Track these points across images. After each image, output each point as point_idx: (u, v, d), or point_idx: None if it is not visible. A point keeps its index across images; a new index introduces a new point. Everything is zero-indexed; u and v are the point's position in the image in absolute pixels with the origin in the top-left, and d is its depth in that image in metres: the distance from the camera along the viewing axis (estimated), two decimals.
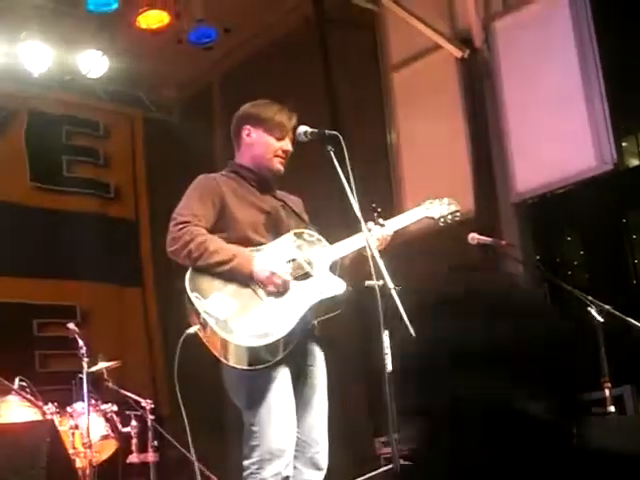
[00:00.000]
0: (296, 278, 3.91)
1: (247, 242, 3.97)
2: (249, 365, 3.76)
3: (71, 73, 8.86)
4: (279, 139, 4.13)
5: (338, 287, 3.92)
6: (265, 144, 4.14)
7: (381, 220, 4.09)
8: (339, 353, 7.24)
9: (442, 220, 4.39)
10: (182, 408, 3.86)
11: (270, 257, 3.90)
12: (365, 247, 3.76)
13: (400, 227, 4.20)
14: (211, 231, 3.95)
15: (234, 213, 4.00)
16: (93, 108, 9.69)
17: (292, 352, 3.85)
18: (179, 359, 3.85)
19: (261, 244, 3.99)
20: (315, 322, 3.96)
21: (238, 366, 3.76)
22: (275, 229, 4.07)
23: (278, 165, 4.15)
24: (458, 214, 4.43)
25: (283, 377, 3.85)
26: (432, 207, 4.40)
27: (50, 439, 2.69)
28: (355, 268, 4.08)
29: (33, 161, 9.18)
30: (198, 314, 3.77)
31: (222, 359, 3.79)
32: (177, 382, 3.85)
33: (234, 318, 3.75)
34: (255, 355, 3.74)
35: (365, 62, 8.43)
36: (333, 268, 4.01)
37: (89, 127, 9.71)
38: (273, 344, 3.74)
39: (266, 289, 3.84)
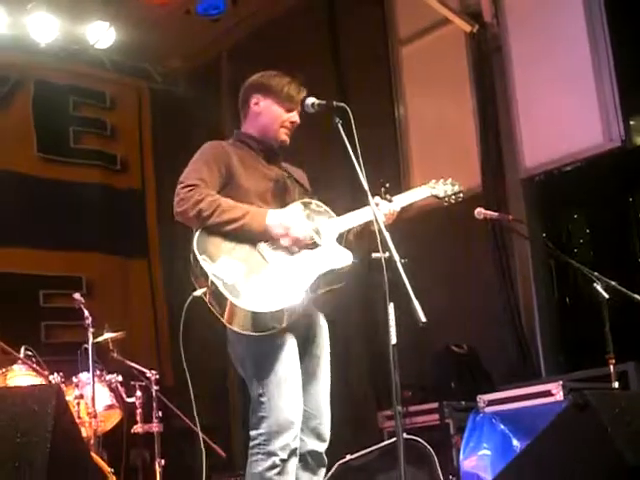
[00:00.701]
0: (306, 247, 3.91)
1: None
2: (254, 331, 3.74)
3: (78, 43, 8.84)
4: (288, 111, 4.12)
5: (346, 258, 3.92)
6: (273, 114, 4.13)
7: (389, 196, 4.10)
8: (343, 326, 7.30)
9: (446, 199, 4.49)
10: (187, 373, 3.86)
11: (283, 214, 3.89)
12: (371, 221, 3.74)
13: (407, 203, 4.24)
14: None
15: (240, 181, 3.98)
16: (100, 79, 9.66)
17: (297, 321, 3.84)
18: (185, 325, 3.84)
19: None
20: (320, 292, 3.95)
21: (243, 331, 3.75)
22: (282, 197, 4.06)
23: (284, 136, 4.14)
24: (461, 195, 4.53)
25: (290, 346, 3.86)
26: (437, 186, 4.50)
27: (56, 403, 2.69)
28: (359, 243, 4.09)
29: (40, 132, 9.17)
30: (206, 277, 3.73)
31: (227, 324, 3.77)
32: (182, 348, 3.85)
33: (242, 282, 3.72)
34: (261, 321, 3.72)
35: (373, 36, 8.39)
36: (339, 240, 4.01)
37: (96, 98, 9.68)
38: (280, 311, 3.73)
39: (278, 247, 3.84)
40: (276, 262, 3.84)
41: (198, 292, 3.78)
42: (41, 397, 2.69)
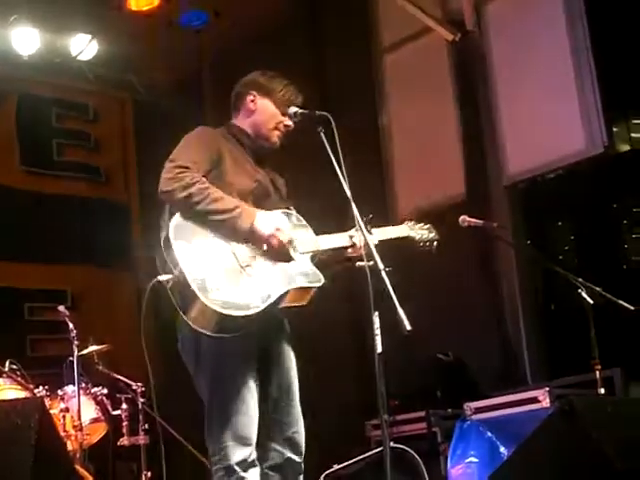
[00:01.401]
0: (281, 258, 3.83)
1: None
2: (216, 332, 3.63)
3: (61, 56, 8.81)
4: (283, 114, 4.06)
5: (317, 279, 3.85)
6: (269, 114, 4.06)
7: (369, 227, 3.93)
8: (330, 335, 7.29)
9: (421, 244, 4.35)
10: (149, 366, 3.80)
11: (272, 216, 3.83)
12: (347, 247, 3.81)
13: (384, 238, 4.09)
14: None
15: (226, 173, 3.89)
16: (83, 91, 9.64)
17: (260, 328, 3.76)
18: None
19: None
20: (281, 306, 3.84)
21: (203, 330, 3.63)
22: (262, 202, 3.96)
23: (276, 138, 4.07)
24: (435, 244, 4.37)
25: (248, 354, 3.79)
26: (415, 229, 4.36)
27: (39, 417, 2.67)
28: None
29: (23, 144, 9.14)
30: (175, 264, 3.60)
31: (188, 320, 3.64)
32: (144, 338, 3.78)
33: (212, 278, 3.61)
34: (224, 323, 3.61)
35: (356, 45, 8.41)
36: (312, 259, 3.93)
37: (79, 110, 9.66)
38: (245, 317, 3.61)
39: (255, 249, 3.75)
40: (248, 267, 3.73)
41: (163, 277, 3.64)
42: (24, 411, 2.67)
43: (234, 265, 3.72)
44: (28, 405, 2.71)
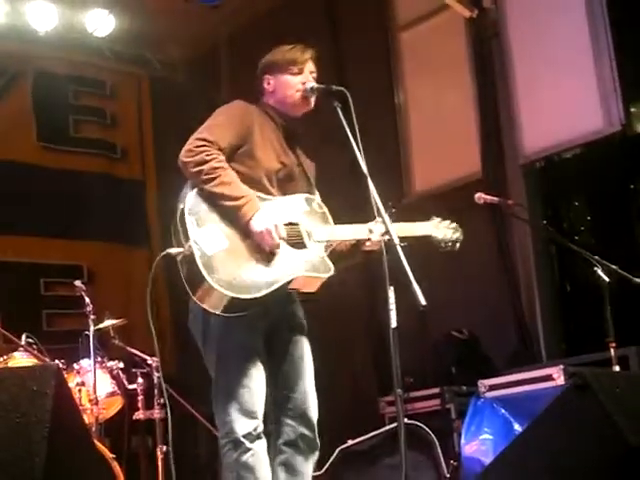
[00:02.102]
0: (292, 244, 3.83)
1: (259, 186, 3.86)
2: (221, 311, 3.67)
3: (77, 32, 8.83)
4: (297, 74, 4.03)
5: (327, 270, 3.84)
6: (285, 85, 4.04)
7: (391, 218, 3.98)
8: (344, 311, 7.30)
9: (443, 244, 4.27)
10: (152, 329, 3.80)
11: (273, 214, 3.79)
12: (364, 241, 3.77)
13: (404, 235, 3.86)
14: (229, 161, 3.82)
15: (256, 152, 3.88)
16: (99, 67, 9.66)
17: (271, 307, 3.78)
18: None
19: (270, 194, 3.89)
20: (289, 291, 3.87)
21: (209, 309, 3.67)
22: (285, 183, 3.98)
23: (300, 98, 4.03)
24: (458, 245, 4.30)
25: (256, 332, 3.81)
26: (440, 228, 4.25)
27: (56, 383, 2.69)
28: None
29: (40, 121, 9.17)
30: (187, 239, 3.64)
31: (194, 297, 3.68)
32: (150, 310, 3.78)
33: (221, 258, 3.63)
34: (229, 303, 3.63)
35: (373, 22, 8.38)
36: (327, 248, 3.92)
37: (96, 87, 9.68)
38: (249, 300, 3.63)
39: (255, 242, 3.74)
40: (260, 250, 3.74)
41: (174, 250, 3.66)
42: (41, 377, 2.69)
43: (243, 247, 3.73)
44: (44, 371, 2.73)
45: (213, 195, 3.72)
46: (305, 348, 4.02)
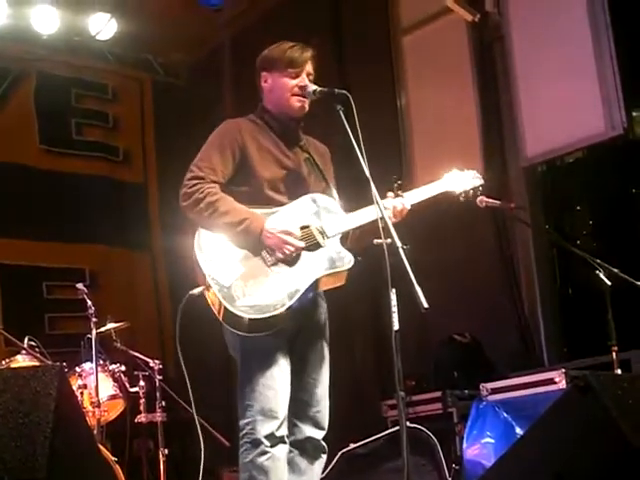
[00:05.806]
0: (307, 247, 3.85)
1: (266, 200, 3.91)
2: (248, 332, 3.73)
3: (80, 35, 8.86)
4: (294, 77, 4.02)
5: (347, 261, 3.88)
6: (280, 86, 4.04)
7: (400, 192, 4.02)
8: (346, 314, 7.30)
9: (463, 195, 4.33)
10: (184, 370, 3.85)
11: (283, 222, 3.83)
12: (378, 219, 3.64)
13: (418, 200, 4.09)
14: (229, 184, 3.89)
15: (254, 167, 3.92)
16: (102, 71, 9.69)
17: (295, 312, 3.81)
18: (184, 320, 3.81)
19: (281, 203, 3.92)
20: (319, 291, 3.93)
21: (236, 332, 3.74)
22: (294, 187, 3.98)
23: (297, 104, 4.01)
24: (481, 189, 4.37)
25: (279, 343, 3.84)
26: (454, 180, 4.29)
27: (59, 384, 2.69)
28: (364, 237, 3.99)
29: (42, 124, 9.19)
30: (204, 276, 3.73)
31: (223, 323, 3.77)
32: (179, 344, 3.82)
33: (238, 286, 3.70)
34: (255, 325, 3.70)
35: (375, 25, 8.37)
36: (344, 238, 3.96)
37: (98, 90, 9.70)
38: (274, 317, 3.70)
39: (274, 255, 3.79)
40: (276, 265, 3.79)
41: (196, 291, 3.76)
42: (44, 378, 2.70)
43: (260, 266, 3.78)
44: (48, 372, 2.74)
45: (218, 228, 3.79)
46: (325, 352, 4.04)
